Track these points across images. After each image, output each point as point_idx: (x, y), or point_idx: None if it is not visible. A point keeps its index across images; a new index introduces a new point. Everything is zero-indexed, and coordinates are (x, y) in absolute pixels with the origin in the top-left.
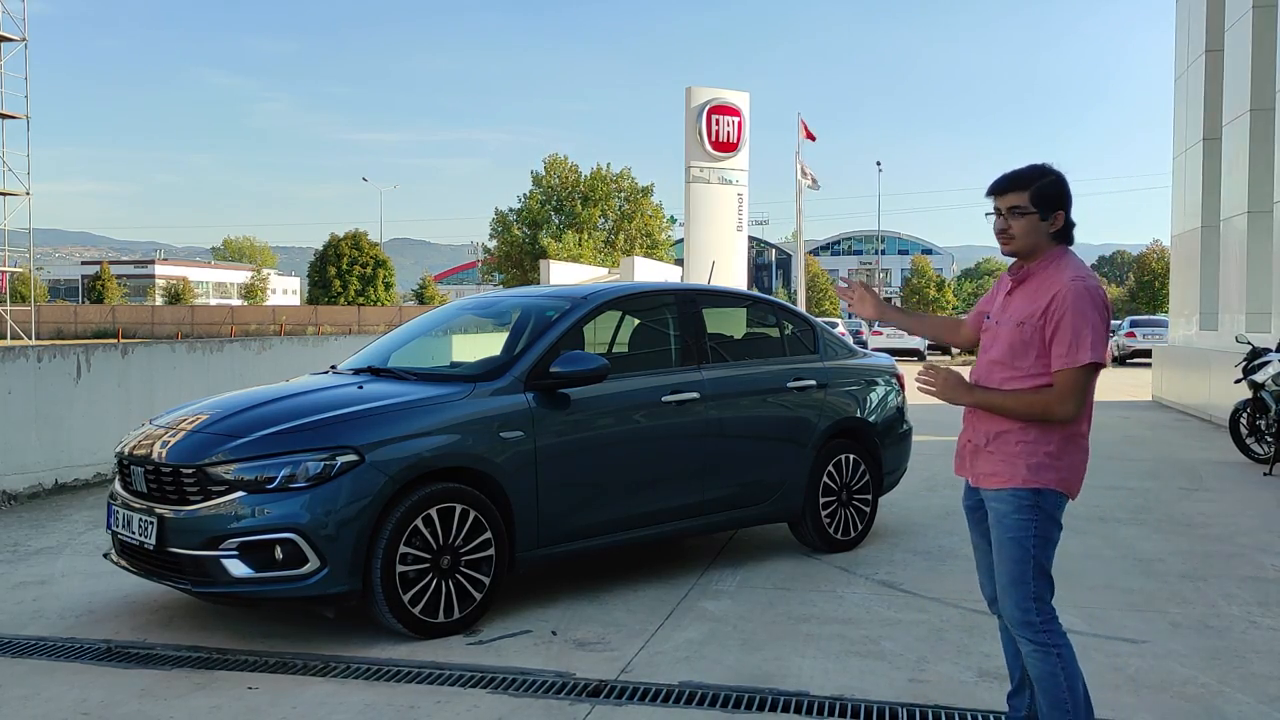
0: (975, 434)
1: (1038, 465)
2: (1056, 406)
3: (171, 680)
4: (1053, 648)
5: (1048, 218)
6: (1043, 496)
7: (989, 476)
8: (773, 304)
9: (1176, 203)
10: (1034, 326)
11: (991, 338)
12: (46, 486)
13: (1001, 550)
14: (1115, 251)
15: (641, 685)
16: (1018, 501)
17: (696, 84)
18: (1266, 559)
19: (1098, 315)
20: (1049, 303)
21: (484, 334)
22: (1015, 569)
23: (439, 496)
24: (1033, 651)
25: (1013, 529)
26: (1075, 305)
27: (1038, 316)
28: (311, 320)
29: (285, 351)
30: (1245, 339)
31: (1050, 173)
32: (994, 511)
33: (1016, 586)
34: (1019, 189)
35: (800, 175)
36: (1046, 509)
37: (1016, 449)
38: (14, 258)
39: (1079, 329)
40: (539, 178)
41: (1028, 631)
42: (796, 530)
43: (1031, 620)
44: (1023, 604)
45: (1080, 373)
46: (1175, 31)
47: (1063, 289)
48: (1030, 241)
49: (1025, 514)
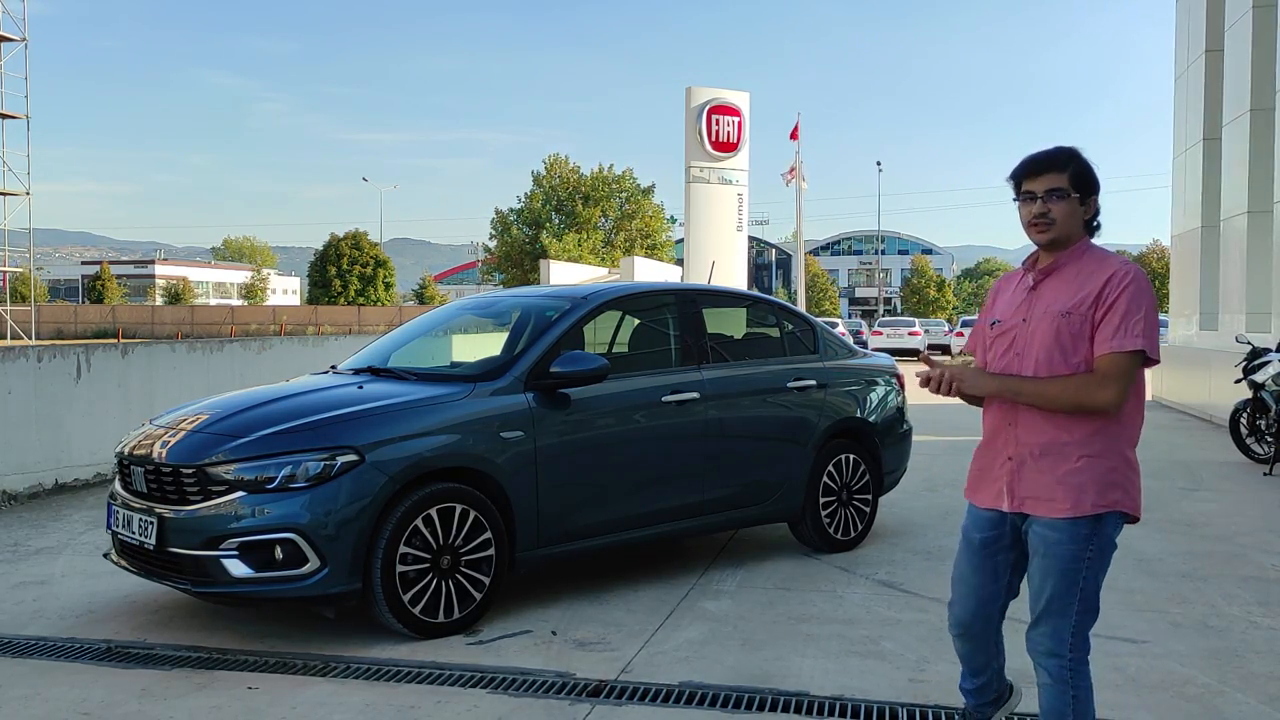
0: (1018, 447)
1: (1106, 484)
2: (1098, 390)
3: (171, 680)
4: (1071, 686)
5: (1086, 201)
6: (1104, 522)
7: (1045, 502)
8: (773, 304)
9: (1176, 203)
10: (1083, 316)
11: (1023, 339)
12: (46, 486)
13: (1048, 578)
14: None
15: (641, 685)
16: (1075, 530)
17: (696, 84)
18: (1266, 559)
19: (1152, 306)
20: (1103, 286)
21: (484, 334)
22: (1062, 600)
23: (439, 496)
24: (1050, 685)
25: (1067, 559)
26: (1133, 289)
27: (1088, 304)
28: (311, 320)
29: (285, 351)
30: (1245, 339)
31: (1082, 155)
32: (1042, 539)
33: (1057, 617)
34: (1057, 170)
35: (788, 174)
36: (1108, 533)
37: (1079, 464)
38: (14, 258)
39: (1130, 314)
40: (539, 178)
41: (1052, 663)
42: (796, 530)
43: (1063, 654)
44: (1059, 634)
45: (1126, 359)
46: (1175, 31)
47: (1119, 271)
48: (1069, 227)
49: (1082, 543)
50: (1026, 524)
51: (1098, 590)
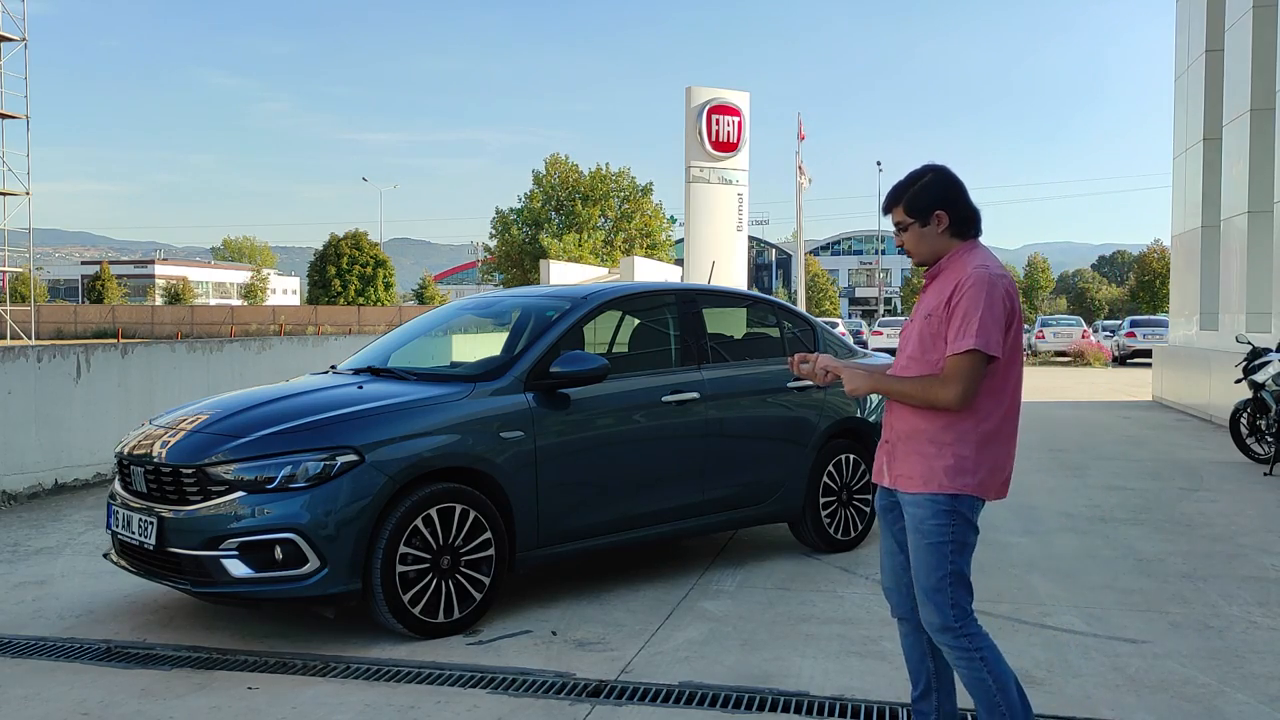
0: (891, 431)
1: (955, 469)
2: (940, 390)
3: (171, 680)
4: (974, 651)
5: (929, 222)
6: (959, 501)
7: (906, 479)
8: (773, 304)
9: (1176, 203)
10: (940, 318)
11: (906, 335)
12: (46, 486)
13: (918, 555)
14: (1115, 251)
15: (641, 685)
16: (935, 506)
17: (696, 84)
18: (1266, 559)
19: (993, 304)
20: (952, 292)
21: (484, 334)
22: (933, 576)
23: (439, 496)
24: (957, 658)
25: (931, 534)
26: (972, 292)
27: (942, 307)
28: (311, 320)
29: (285, 351)
30: (1245, 339)
31: (923, 175)
32: (911, 516)
33: (935, 593)
34: (896, 204)
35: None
36: (964, 513)
37: (931, 450)
38: (14, 258)
39: (969, 315)
40: (540, 177)
41: (947, 637)
42: (796, 530)
43: (951, 625)
44: (941, 610)
45: (964, 359)
46: (1175, 31)
47: (965, 277)
48: (925, 249)
49: (942, 519)
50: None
51: (967, 566)
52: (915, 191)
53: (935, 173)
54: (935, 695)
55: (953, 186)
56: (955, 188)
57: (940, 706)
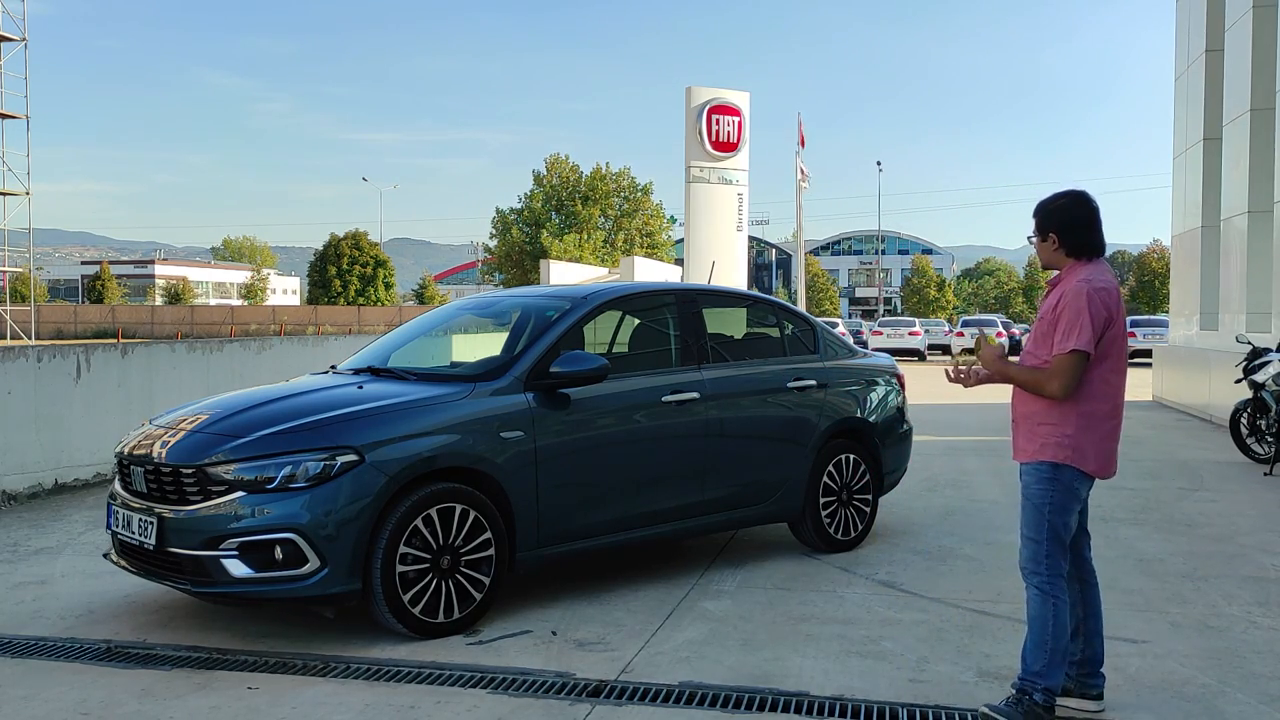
0: (1014, 412)
1: (1058, 444)
2: (1045, 383)
3: (171, 680)
4: (1050, 596)
5: (1046, 239)
6: (1060, 471)
7: (1021, 450)
8: (773, 304)
9: (1176, 203)
10: (1049, 321)
11: (1032, 332)
12: (46, 486)
13: (1025, 514)
14: (1115, 251)
15: (641, 685)
16: (1039, 474)
17: (696, 84)
18: (1266, 559)
19: (1092, 311)
20: (1058, 301)
21: (484, 334)
22: (1032, 529)
23: (439, 496)
24: (1035, 595)
25: (1035, 497)
26: (1074, 302)
27: (1050, 313)
28: (311, 320)
29: (285, 351)
30: (1245, 339)
31: (1059, 199)
32: (1023, 484)
33: (1031, 543)
34: (1034, 217)
35: (799, 176)
36: (1065, 482)
37: (1039, 429)
38: (14, 258)
39: (1072, 321)
40: (540, 177)
41: (1034, 579)
42: (796, 530)
43: (1039, 570)
44: (1035, 558)
45: (1065, 358)
46: (1175, 31)
47: (1070, 289)
48: (1044, 259)
49: (1045, 484)
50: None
51: (1064, 528)
52: (1044, 214)
53: (1069, 199)
54: (1081, 638)
55: (1074, 216)
56: (1076, 218)
57: (1084, 649)
